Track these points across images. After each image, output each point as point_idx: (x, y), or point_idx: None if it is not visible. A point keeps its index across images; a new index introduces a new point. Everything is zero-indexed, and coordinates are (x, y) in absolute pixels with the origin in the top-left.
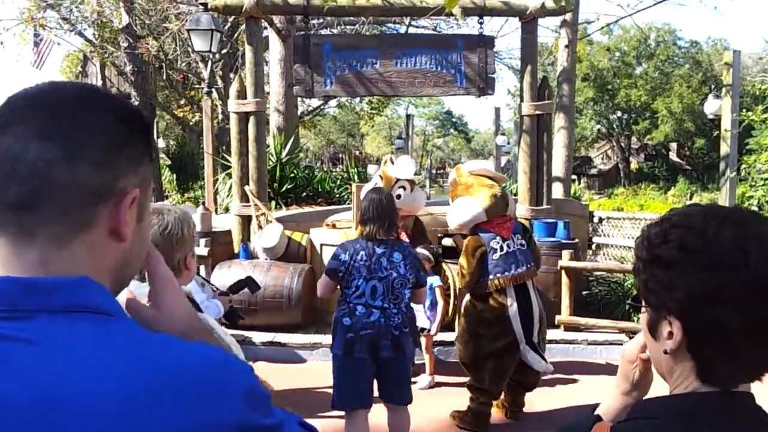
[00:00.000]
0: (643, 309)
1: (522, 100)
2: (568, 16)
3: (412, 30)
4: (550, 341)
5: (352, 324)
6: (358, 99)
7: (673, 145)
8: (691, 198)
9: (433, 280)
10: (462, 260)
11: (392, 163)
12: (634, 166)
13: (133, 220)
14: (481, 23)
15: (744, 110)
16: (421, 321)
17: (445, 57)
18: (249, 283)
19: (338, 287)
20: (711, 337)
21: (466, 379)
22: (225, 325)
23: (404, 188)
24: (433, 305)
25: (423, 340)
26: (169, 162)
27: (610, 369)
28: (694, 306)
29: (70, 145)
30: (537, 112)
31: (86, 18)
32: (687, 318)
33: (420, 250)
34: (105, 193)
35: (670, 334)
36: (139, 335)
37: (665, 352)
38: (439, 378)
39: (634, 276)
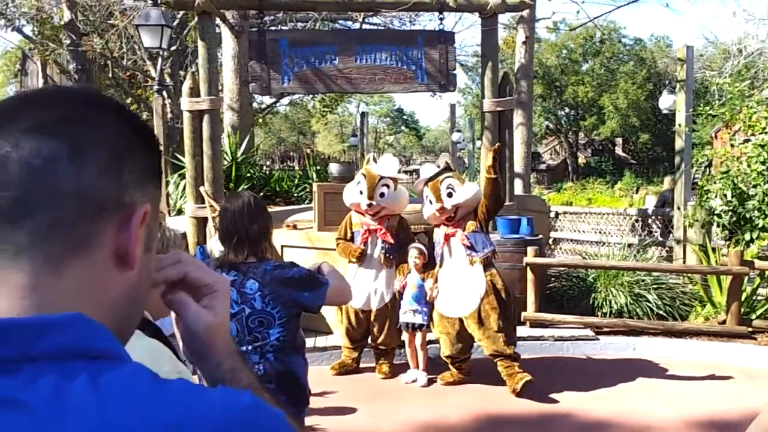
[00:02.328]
0: None
1: (483, 96)
2: (525, 13)
3: (366, 27)
4: (518, 338)
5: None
6: (310, 96)
7: (619, 140)
8: (637, 192)
9: (420, 280)
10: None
11: (375, 161)
12: (581, 161)
13: (141, 246)
14: (441, 19)
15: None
16: (411, 317)
17: (405, 53)
18: None
19: None
20: None
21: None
22: None
23: (388, 186)
24: (426, 302)
25: (418, 336)
26: None
27: (576, 364)
28: None
29: (74, 141)
30: (498, 109)
31: (25, 14)
32: None
33: (414, 245)
34: (111, 206)
35: None
36: (155, 385)
37: None
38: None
39: None
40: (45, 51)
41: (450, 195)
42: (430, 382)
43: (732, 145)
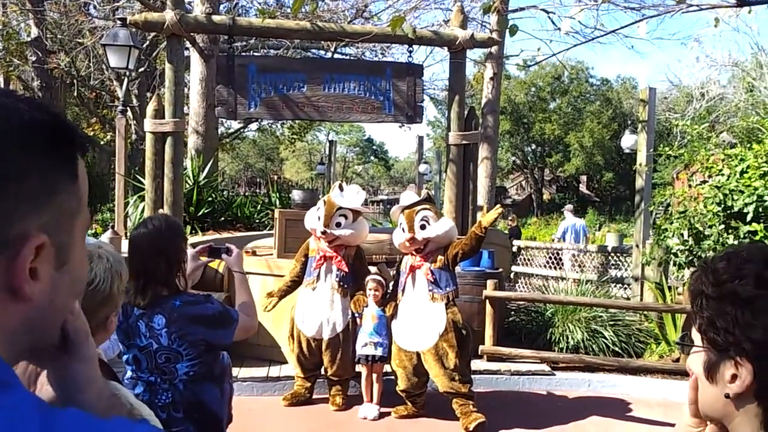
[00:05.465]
0: (696, 348)
1: (449, 129)
2: (494, 49)
3: (337, 57)
4: (474, 371)
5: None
6: (279, 123)
7: (583, 178)
8: (599, 229)
9: (379, 311)
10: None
11: (340, 189)
12: (546, 197)
13: (50, 266)
14: (410, 52)
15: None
16: (371, 349)
17: (373, 84)
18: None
19: None
20: None
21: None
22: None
23: (345, 217)
24: (388, 332)
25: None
26: None
27: (531, 400)
28: None
29: None
30: (464, 142)
31: None
32: (761, 361)
33: (371, 276)
34: None
35: (734, 377)
36: (42, 415)
37: (727, 396)
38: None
39: (694, 313)
40: (8, 67)
41: (423, 227)
42: (383, 415)
43: (690, 186)
